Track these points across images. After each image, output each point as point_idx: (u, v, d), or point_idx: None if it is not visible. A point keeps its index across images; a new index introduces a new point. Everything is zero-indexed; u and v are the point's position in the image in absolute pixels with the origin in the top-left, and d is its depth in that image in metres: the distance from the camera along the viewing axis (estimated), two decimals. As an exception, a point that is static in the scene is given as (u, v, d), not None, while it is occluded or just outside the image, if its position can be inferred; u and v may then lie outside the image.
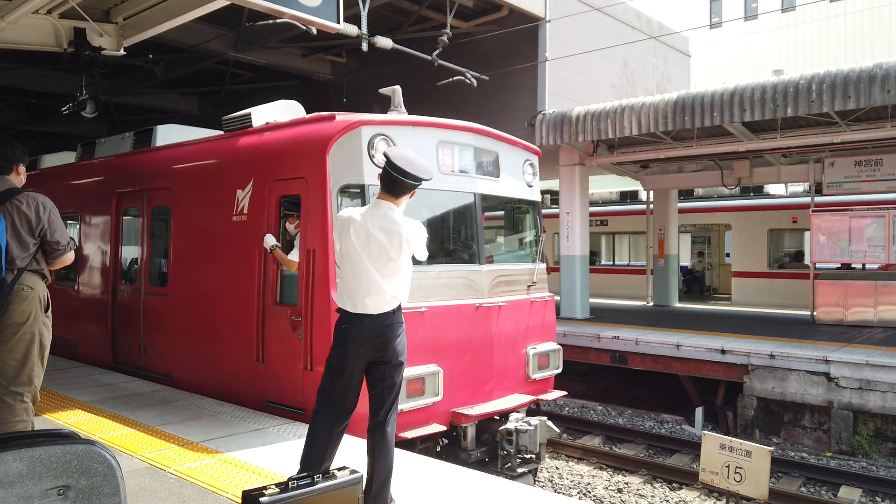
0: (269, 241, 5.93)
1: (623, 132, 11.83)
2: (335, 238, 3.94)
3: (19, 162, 4.20)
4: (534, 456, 6.65)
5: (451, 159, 6.43)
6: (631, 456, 8.81)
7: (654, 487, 7.83)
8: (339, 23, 5.98)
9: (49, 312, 4.14)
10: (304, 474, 3.04)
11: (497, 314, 6.65)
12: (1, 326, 3.88)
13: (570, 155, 13.73)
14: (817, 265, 13.03)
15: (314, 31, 8.61)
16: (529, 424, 6.38)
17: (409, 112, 6.85)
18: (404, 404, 5.38)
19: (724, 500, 7.16)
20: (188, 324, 7.06)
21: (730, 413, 9.84)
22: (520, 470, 6.49)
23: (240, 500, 2.95)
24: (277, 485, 2.91)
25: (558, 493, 7.57)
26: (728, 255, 20.27)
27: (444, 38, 11.20)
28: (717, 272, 21.85)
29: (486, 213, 7.71)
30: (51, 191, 4.21)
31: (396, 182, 3.76)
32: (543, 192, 26.47)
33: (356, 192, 5.75)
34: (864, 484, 7.71)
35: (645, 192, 16.99)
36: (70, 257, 4.23)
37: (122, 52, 7.60)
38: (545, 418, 6.72)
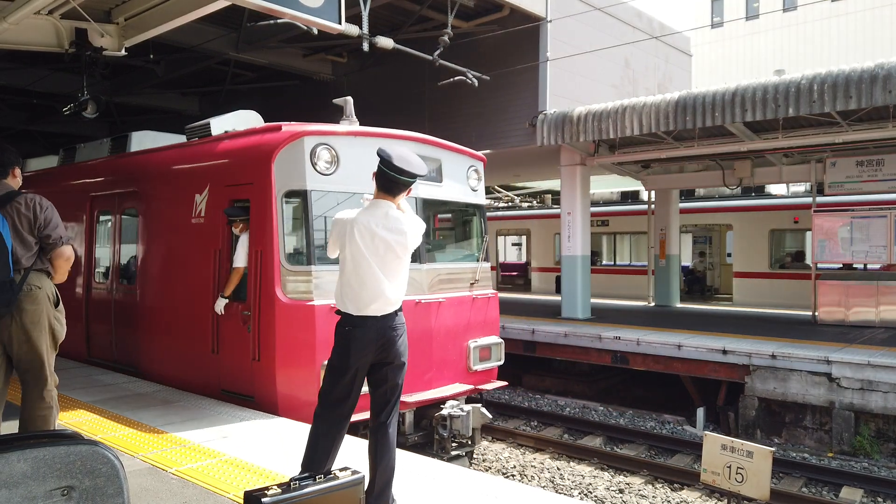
0: (220, 305, 6.44)
1: (624, 132, 11.82)
2: (334, 240, 3.88)
3: (15, 165, 4.31)
4: (468, 440, 7.16)
5: None
6: (632, 456, 8.80)
7: (656, 488, 7.82)
8: (340, 23, 5.97)
9: (60, 306, 4.25)
10: (306, 474, 3.04)
11: (437, 310, 7.10)
12: (19, 329, 4.04)
13: (572, 155, 13.72)
14: (819, 265, 13.02)
15: (315, 32, 8.62)
16: (462, 410, 6.83)
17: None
18: None
19: (726, 500, 7.15)
20: (153, 319, 7.58)
21: (731, 413, 9.84)
22: (454, 452, 6.99)
23: (241, 501, 2.95)
24: (279, 485, 2.91)
25: (560, 493, 7.57)
26: (729, 255, 20.26)
27: (445, 38, 11.20)
28: (718, 272, 21.84)
29: (440, 216, 8.37)
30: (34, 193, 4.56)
31: (393, 180, 3.74)
32: (545, 192, 26.56)
33: (299, 197, 6.27)
34: (865, 484, 7.70)
35: (646, 192, 16.98)
36: (66, 252, 4.21)
37: (123, 52, 7.61)
38: (479, 405, 7.16)
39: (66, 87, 15.20)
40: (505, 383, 8.14)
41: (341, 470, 3.14)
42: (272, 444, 5.11)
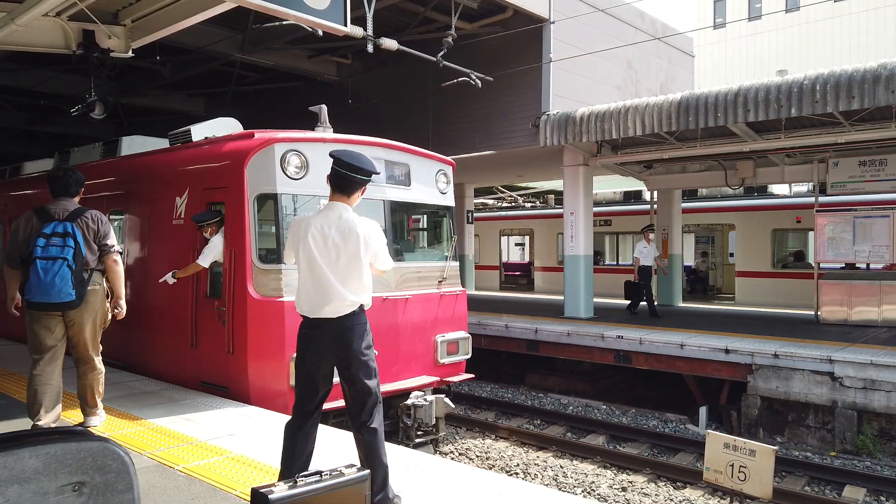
0: (169, 279, 6.92)
1: (627, 133, 11.85)
2: (289, 245, 3.94)
3: (82, 187, 5.40)
4: (432, 428, 7.43)
5: None
6: (635, 455, 8.83)
7: (659, 486, 7.86)
8: (346, 25, 6.01)
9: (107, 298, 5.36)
10: (313, 471, 3.08)
11: (404, 306, 7.40)
12: (82, 313, 5.14)
13: (574, 155, 13.75)
14: (821, 265, 13.03)
15: (320, 34, 8.67)
16: (425, 400, 7.14)
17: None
18: None
19: (728, 499, 7.18)
20: (138, 315, 7.87)
21: (734, 412, 9.86)
22: (418, 440, 7.28)
23: (248, 498, 2.99)
24: (285, 482, 2.95)
25: (563, 491, 7.61)
26: (732, 254, 20.27)
27: (449, 39, 11.24)
28: (720, 272, 21.85)
29: (412, 217, 8.84)
30: (29, 195, 5.00)
31: (347, 178, 3.77)
32: (548, 192, 26.58)
33: (271, 200, 6.63)
34: (868, 483, 7.72)
35: (649, 192, 17.00)
36: (115, 256, 5.26)
37: (130, 53, 7.66)
38: (443, 396, 7.48)
39: (72, 89, 15.26)
40: (471, 376, 8.36)
41: (347, 467, 3.18)
42: (278, 442, 5.15)
